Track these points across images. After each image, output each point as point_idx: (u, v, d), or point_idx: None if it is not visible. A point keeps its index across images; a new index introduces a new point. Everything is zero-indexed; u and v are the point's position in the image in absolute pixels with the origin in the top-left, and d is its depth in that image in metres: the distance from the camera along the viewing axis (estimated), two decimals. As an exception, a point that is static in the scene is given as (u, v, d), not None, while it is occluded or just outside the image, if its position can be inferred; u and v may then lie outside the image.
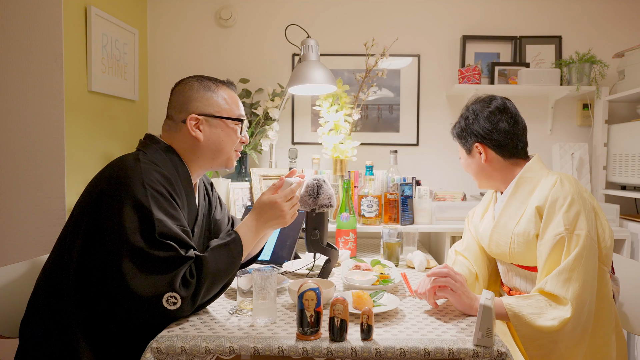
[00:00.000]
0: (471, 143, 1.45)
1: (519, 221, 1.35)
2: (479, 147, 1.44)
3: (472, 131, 1.45)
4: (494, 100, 1.46)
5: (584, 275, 1.19)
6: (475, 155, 1.46)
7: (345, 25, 2.56)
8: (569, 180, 1.32)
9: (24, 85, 1.84)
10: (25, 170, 1.85)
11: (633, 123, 2.23)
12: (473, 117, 1.45)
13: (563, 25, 2.53)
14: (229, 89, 1.34)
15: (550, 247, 1.25)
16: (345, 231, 1.91)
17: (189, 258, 1.11)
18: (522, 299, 1.22)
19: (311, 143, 2.57)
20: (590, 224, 1.25)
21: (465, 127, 1.46)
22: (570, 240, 1.23)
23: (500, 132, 1.41)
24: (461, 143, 1.50)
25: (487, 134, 1.42)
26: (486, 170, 1.46)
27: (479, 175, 1.50)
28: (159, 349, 1.02)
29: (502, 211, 1.42)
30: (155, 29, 2.58)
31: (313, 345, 1.02)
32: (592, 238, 1.24)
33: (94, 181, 1.19)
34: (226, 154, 1.32)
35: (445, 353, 1.01)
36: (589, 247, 1.22)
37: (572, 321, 1.15)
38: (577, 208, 1.25)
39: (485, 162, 1.44)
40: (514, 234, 1.36)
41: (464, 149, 1.50)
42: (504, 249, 1.39)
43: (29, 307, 1.18)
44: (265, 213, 1.27)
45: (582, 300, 1.17)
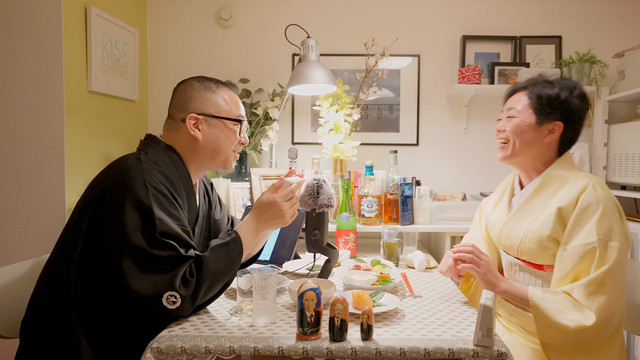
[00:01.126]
0: (553, 118, 1.32)
1: (536, 218, 1.31)
2: (557, 126, 1.32)
3: (566, 109, 1.31)
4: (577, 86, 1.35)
5: (614, 289, 1.15)
6: (543, 131, 1.33)
7: (345, 25, 2.56)
8: (601, 185, 1.25)
9: (24, 85, 1.84)
10: (25, 170, 1.85)
11: (633, 123, 2.23)
12: (577, 100, 1.32)
13: (563, 25, 2.53)
14: (230, 90, 1.35)
15: (579, 255, 1.19)
16: (345, 231, 1.91)
17: (189, 257, 1.11)
18: (549, 294, 1.21)
19: (311, 143, 2.57)
20: (622, 234, 1.20)
21: (564, 99, 1.31)
22: (604, 251, 1.17)
23: (580, 129, 1.33)
24: (539, 107, 1.33)
25: (576, 120, 1.32)
26: (536, 150, 1.35)
27: (524, 150, 1.35)
28: (159, 349, 1.03)
29: (521, 205, 1.37)
30: (155, 29, 2.58)
31: (313, 345, 1.02)
32: (624, 249, 1.19)
33: (96, 181, 1.19)
34: (224, 155, 1.32)
35: (445, 353, 1.01)
36: (622, 260, 1.18)
37: (592, 330, 1.13)
38: (610, 217, 1.20)
39: (545, 144, 1.33)
40: (528, 229, 1.31)
41: (535, 115, 1.33)
42: (514, 243, 1.35)
43: (30, 307, 1.18)
44: (265, 213, 1.27)
45: (609, 313, 1.14)
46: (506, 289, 1.31)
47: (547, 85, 1.35)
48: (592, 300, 1.15)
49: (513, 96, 1.42)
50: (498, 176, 2.56)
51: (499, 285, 1.31)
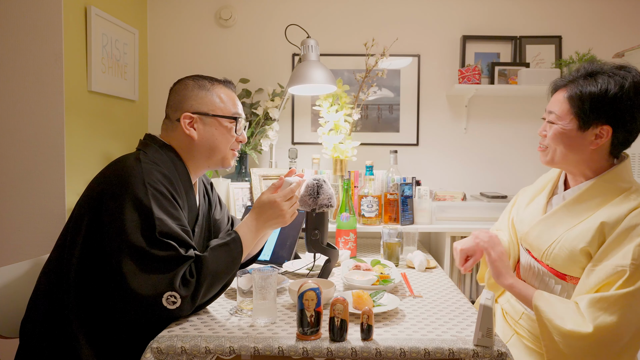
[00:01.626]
0: (599, 121, 1.16)
1: (574, 227, 1.21)
2: (604, 131, 1.17)
3: (614, 109, 1.14)
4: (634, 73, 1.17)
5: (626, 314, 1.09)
6: (588, 136, 1.18)
7: (345, 25, 2.56)
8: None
9: (24, 85, 1.83)
10: (25, 170, 1.85)
11: (633, 123, 2.23)
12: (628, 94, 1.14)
13: (563, 25, 2.53)
14: (226, 87, 1.34)
15: (607, 275, 1.12)
16: (345, 231, 1.91)
17: (189, 257, 1.11)
18: (556, 299, 1.19)
19: (311, 143, 2.57)
20: None
21: (610, 98, 1.14)
22: (633, 275, 1.09)
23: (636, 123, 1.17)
24: (580, 111, 1.17)
25: (629, 121, 1.15)
26: (582, 156, 1.21)
27: (568, 157, 1.23)
28: (159, 349, 1.03)
29: (561, 207, 1.26)
30: (155, 29, 2.58)
31: (313, 345, 1.02)
32: None
33: (95, 181, 1.19)
34: (221, 153, 1.32)
35: (445, 353, 1.01)
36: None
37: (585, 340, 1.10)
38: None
39: (593, 148, 1.19)
40: (562, 236, 1.22)
41: (577, 120, 1.18)
42: (542, 246, 1.27)
43: (29, 307, 1.18)
44: (265, 213, 1.27)
45: (613, 335, 1.09)
46: (512, 283, 1.29)
47: (590, 82, 1.18)
48: (595, 316, 1.09)
49: (555, 95, 1.27)
50: (498, 176, 2.56)
51: (507, 278, 1.29)
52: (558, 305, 1.17)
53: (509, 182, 2.54)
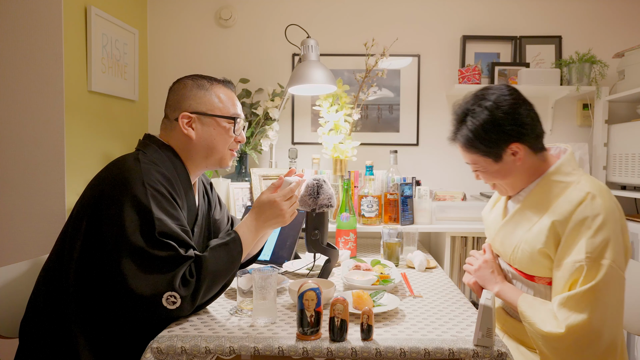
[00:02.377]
0: (503, 146, 1.21)
1: (531, 228, 1.23)
2: (514, 147, 1.21)
3: (503, 131, 1.19)
4: (503, 89, 1.23)
5: (596, 308, 1.09)
6: (507, 159, 1.22)
7: (345, 25, 2.56)
8: (602, 194, 1.15)
9: (24, 85, 1.83)
10: (25, 170, 1.85)
11: (633, 123, 2.23)
12: (500, 115, 1.19)
13: (563, 25, 2.53)
14: (225, 87, 1.33)
15: (569, 273, 1.13)
16: (345, 231, 1.91)
17: (189, 257, 1.11)
18: (538, 303, 1.19)
19: (311, 143, 2.57)
20: (618, 250, 1.11)
21: (490, 128, 1.19)
22: (591, 269, 1.10)
23: (533, 122, 1.21)
24: (483, 151, 1.23)
25: (523, 127, 1.19)
26: (519, 173, 1.25)
27: (513, 182, 1.27)
28: (159, 349, 1.02)
29: (516, 211, 1.29)
30: (155, 29, 2.58)
31: (313, 345, 1.02)
32: (618, 266, 1.10)
33: (94, 181, 1.19)
34: (219, 153, 1.31)
35: (445, 353, 1.01)
36: (612, 278, 1.10)
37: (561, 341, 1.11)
38: (606, 233, 1.11)
39: (520, 163, 1.23)
40: (521, 239, 1.24)
41: (488, 158, 1.24)
42: (507, 250, 1.30)
43: (29, 307, 1.18)
44: (265, 212, 1.27)
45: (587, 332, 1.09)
46: (499, 291, 1.31)
47: (464, 127, 1.24)
48: (566, 316, 1.10)
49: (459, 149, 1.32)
50: (498, 176, 2.56)
51: (492, 286, 1.33)
52: (539, 307, 1.18)
53: (509, 182, 2.54)
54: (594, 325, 1.09)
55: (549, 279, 1.23)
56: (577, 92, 2.37)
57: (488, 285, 1.35)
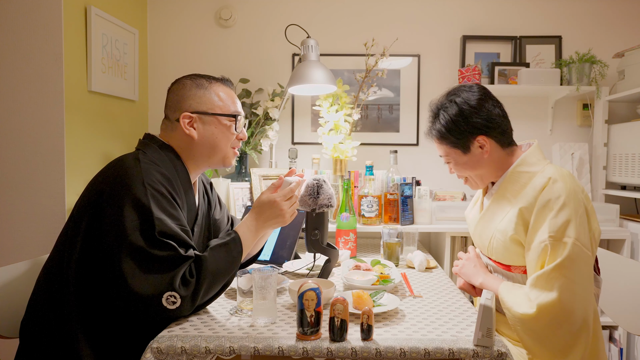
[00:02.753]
0: (471, 138, 1.31)
1: (503, 218, 1.30)
2: (481, 140, 1.31)
3: (470, 123, 1.30)
4: (473, 87, 1.34)
5: (565, 286, 1.14)
6: (475, 151, 1.33)
7: (346, 25, 2.56)
8: (563, 178, 1.23)
9: (24, 85, 1.83)
10: (25, 170, 1.85)
11: (633, 123, 2.23)
12: (466, 108, 1.30)
13: (563, 25, 2.53)
14: (224, 85, 1.33)
15: (537, 254, 1.19)
16: (345, 231, 1.91)
17: (189, 257, 1.11)
18: (516, 288, 1.25)
19: (311, 143, 2.57)
20: (581, 229, 1.17)
21: (459, 121, 1.30)
22: (555, 248, 1.16)
23: (498, 118, 1.31)
24: (452, 142, 1.34)
25: (489, 122, 1.29)
26: (487, 166, 1.35)
27: (481, 174, 1.37)
28: (159, 349, 1.02)
29: (490, 204, 1.37)
30: (155, 29, 2.58)
31: (313, 345, 1.02)
32: (582, 244, 1.16)
33: (94, 181, 1.19)
34: (222, 152, 1.31)
35: (445, 353, 1.01)
36: (577, 255, 1.16)
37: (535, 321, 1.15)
38: (567, 213, 1.17)
39: (487, 156, 1.32)
40: (495, 230, 1.31)
41: (457, 149, 1.34)
42: (485, 243, 1.37)
43: (29, 307, 1.18)
44: (265, 212, 1.27)
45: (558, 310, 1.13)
46: (482, 282, 1.37)
47: (437, 121, 1.35)
48: (536, 295, 1.16)
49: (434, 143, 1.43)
50: (498, 176, 2.56)
51: (476, 278, 1.39)
52: (516, 292, 1.23)
53: (509, 182, 2.54)
54: (564, 302, 1.14)
55: (524, 267, 1.28)
56: (577, 92, 2.37)
57: (472, 278, 1.40)
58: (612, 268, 1.63)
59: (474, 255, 1.45)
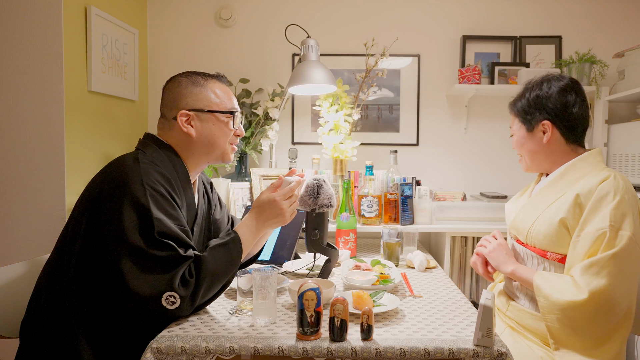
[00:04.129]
0: (538, 120, 1.38)
1: (553, 202, 1.33)
2: (546, 125, 1.37)
3: (544, 107, 1.37)
4: (567, 79, 1.40)
5: (618, 276, 1.16)
6: (537, 134, 1.39)
7: (345, 25, 2.56)
8: (622, 177, 1.28)
9: (24, 85, 1.84)
10: (25, 170, 1.85)
11: (633, 123, 2.23)
12: (547, 92, 1.37)
13: (563, 25, 2.53)
14: (220, 82, 1.34)
15: (591, 240, 1.21)
16: (345, 231, 1.91)
17: (188, 257, 1.11)
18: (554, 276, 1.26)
19: (311, 143, 2.57)
20: (636, 226, 1.21)
21: (536, 101, 1.38)
22: (613, 237, 1.19)
23: (573, 113, 1.35)
24: (523, 118, 1.42)
25: (561, 112, 1.35)
26: (543, 152, 1.40)
27: (534, 157, 1.43)
28: (159, 349, 1.02)
29: (541, 190, 1.41)
30: (155, 29, 2.58)
31: (313, 345, 1.02)
32: (635, 241, 1.19)
33: (94, 181, 1.19)
34: (220, 148, 1.31)
35: (445, 353, 1.01)
36: (631, 250, 1.18)
37: (582, 308, 1.16)
38: (626, 206, 1.21)
39: (547, 143, 1.38)
40: (543, 213, 1.33)
41: (524, 125, 1.42)
42: (526, 225, 1.38)
43: (30, 307, 1.18)
44: (265, 212, 1.27)
45: (607, 298, 1.16)
46: (513, 270, 1.38)
47: (522, 95, 1.44)
48: (589, 281, 1.17)
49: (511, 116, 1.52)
50: (498, 176, 2.56)
51: (507, 265, 1.40)
52: (555, 280, 1.25)
53: (509, 182, 2.54)
54: (614, 291, 1.16)
55: (561, 255, 1.29)
56: (577, 92, 2.37)
57: (503, 266, 1.40)
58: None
59: (505, 242, 1.46)
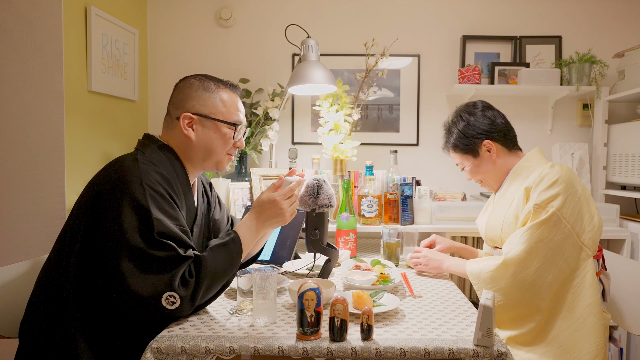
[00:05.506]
0: (478, 143, 1.52)
1: (511, 203, 1.44)
2: (487, 144, 1.51)
3: (475, 131, 1.51)
4: (477, 103, 1.57)
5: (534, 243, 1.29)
6: (484, 155, 1.53)
7: (345, 25, 2.56)
8: (561, 167, 1.38)
9: (24, 85, 1.83)
10: (25, 170, 1.85)
11: (633, 123, 2.23)
12: (473, 119, 1.53)
13: (563, 25, 2.53)
14: (231, 91, 1.32)
15: (522, 220, 1.36)
16: (345, 231, 1.91)
17: (188, 257, 1.11)
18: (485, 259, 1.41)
19: (311, 143, 2.57)
20: (567, 206, 1.31)
21: (467, 130, 1.53)
22: (538, 213, 1.32)
23: (500, 124, 1.52)
24: (463, 151, 1.55)
25: (491, 127, 1.51)
26: (496, 167, 1.53)
27: (491, 174, 1.55)
28: (159, 349, 1.02)
29: (499, 196, 1.53)
30: (155, 29, 2.58)
31: (313, 345, 1.02)
32: (561, 217, 1.30)
33: (93, 181, 1.19)
34: (217, 157, 1.31)
35: (445, 353, 1.01)
36: (554, 223, 1.30)
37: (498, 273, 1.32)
38: (558, 188, 1.32)
39: (496, 157, 1.52)
40: (506, 214, 1.45)
41: (469, 155, 1.55)
42: (497, 232, 1.49)
43: (29, 308, 1.18)
44: (265, 212, 1.27)
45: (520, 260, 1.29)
46: (448, 266, 1.55)
47: (450, 135, 1.58)
48: (507, 252, 1.33)
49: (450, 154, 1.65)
50: (498, 176, 2.56)
51: (443, 265, 1.56)
52: (486, 260, 1.39)
53: (509, 182, 2.54)
54: (525, 256, 1.30)
55: None
56: (577, 92, 2.37)
57: (442, 265, 1.57)
58: (612, 268, 1.63)
59: (427, 250, 1.64)
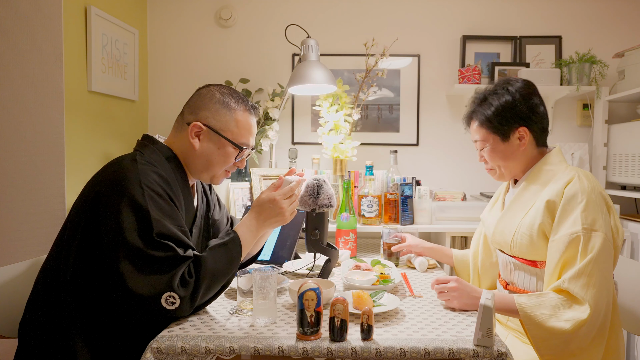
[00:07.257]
0: (514, 127, 1.34)
1: (527, 212, 1.32)
2: (522, 131, 1.34)
3: (517, 113, 1.33)
4: (525, 80, 1.37)
5: (601, 279, 1.16)
6: (514, 142, 1.35)
7: (345, 25, 2.56)
8: (587, 176, 1.27)
9: (24, 85, 1.83)
10: (25, 170, 1.85)
11: (633, 123, 2.23)
12: (519, 98, 1.33)
13: (563, 25, 2.53)
14: (249, 113, 1.31)
15: (565, 244, 1.20)
16: (345, 231, 1.91)
17: (187, 258, 1.11)
18: (535, 297, 1.19)
19: (311, 143, 2.57)
20: (607, 224, 1.22)
21: (509, 108, 1.33)
22: (587, 240, 1.18)
23: (543, 116, 1.36)
24: (494, 129, 1.35)
25: (534, 115, 1.34)
26: (517, 159, 1.37)
27: (511, 164, 1.38)
28: (159, 349, 1.02)
29: (513, 200, 1.39)
30: (155, 29, 2.58)
31: (313, 345, 1.02)
32: (609, 239, 1.20)
33: (92, 182, 1.19)
34: (214, 171, 1.30)
35: (445, 353, 1.01)
36: (607, 249, 1.19)
37: (588, 324, 1.13)
38: (595, 207, 1.21)
39: (523, 148, 1.36)
40: (520, 224, 1.32)
41: (497, 136, 1.36)
42: (507, 239, 1.36)
43: (28, 308, 1.18)
44: (265, 211, 1.27)
45: (599, 304, 1.14)
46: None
47: (485, 103, 1.38)
48: (587, 291, 1.15)
49: (470, 127, 1.45)
50: (498, 176, 2.56)
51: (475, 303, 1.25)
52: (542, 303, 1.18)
53: (509, 182, 2.54)
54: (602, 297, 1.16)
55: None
56: (577, 92, 2.37)
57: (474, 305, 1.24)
58: (612, 268, 1.62)
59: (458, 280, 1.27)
